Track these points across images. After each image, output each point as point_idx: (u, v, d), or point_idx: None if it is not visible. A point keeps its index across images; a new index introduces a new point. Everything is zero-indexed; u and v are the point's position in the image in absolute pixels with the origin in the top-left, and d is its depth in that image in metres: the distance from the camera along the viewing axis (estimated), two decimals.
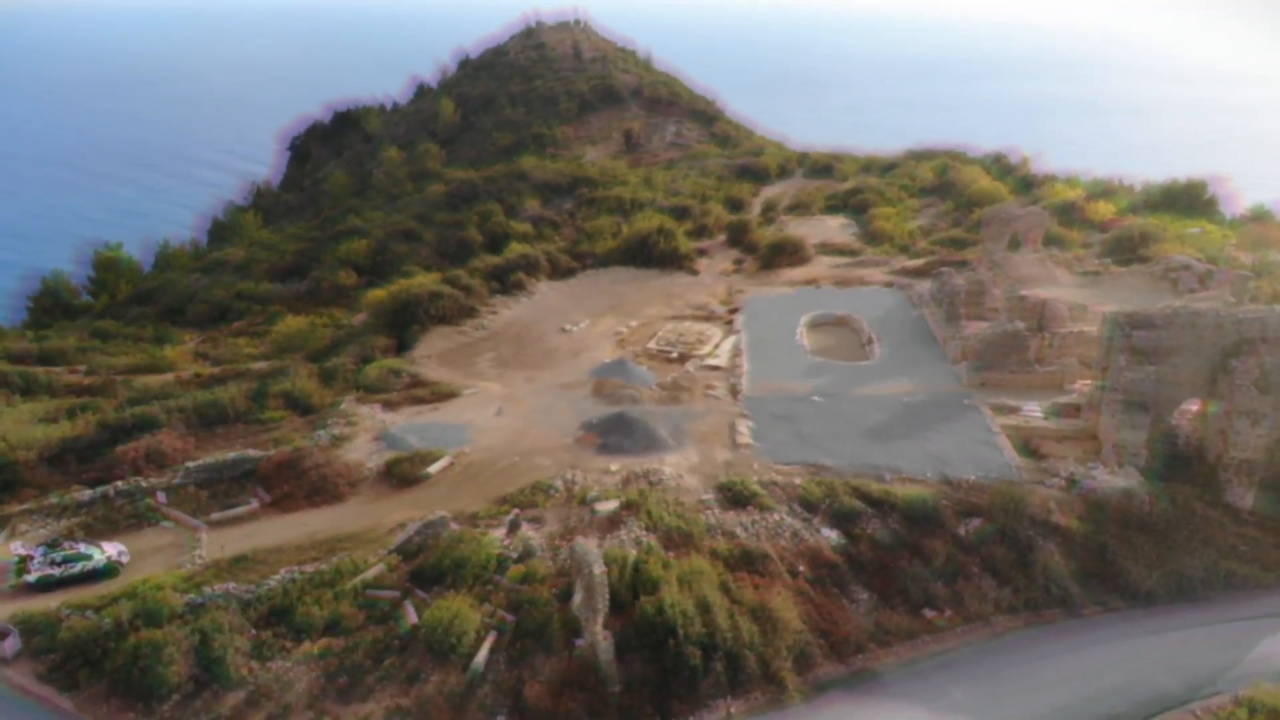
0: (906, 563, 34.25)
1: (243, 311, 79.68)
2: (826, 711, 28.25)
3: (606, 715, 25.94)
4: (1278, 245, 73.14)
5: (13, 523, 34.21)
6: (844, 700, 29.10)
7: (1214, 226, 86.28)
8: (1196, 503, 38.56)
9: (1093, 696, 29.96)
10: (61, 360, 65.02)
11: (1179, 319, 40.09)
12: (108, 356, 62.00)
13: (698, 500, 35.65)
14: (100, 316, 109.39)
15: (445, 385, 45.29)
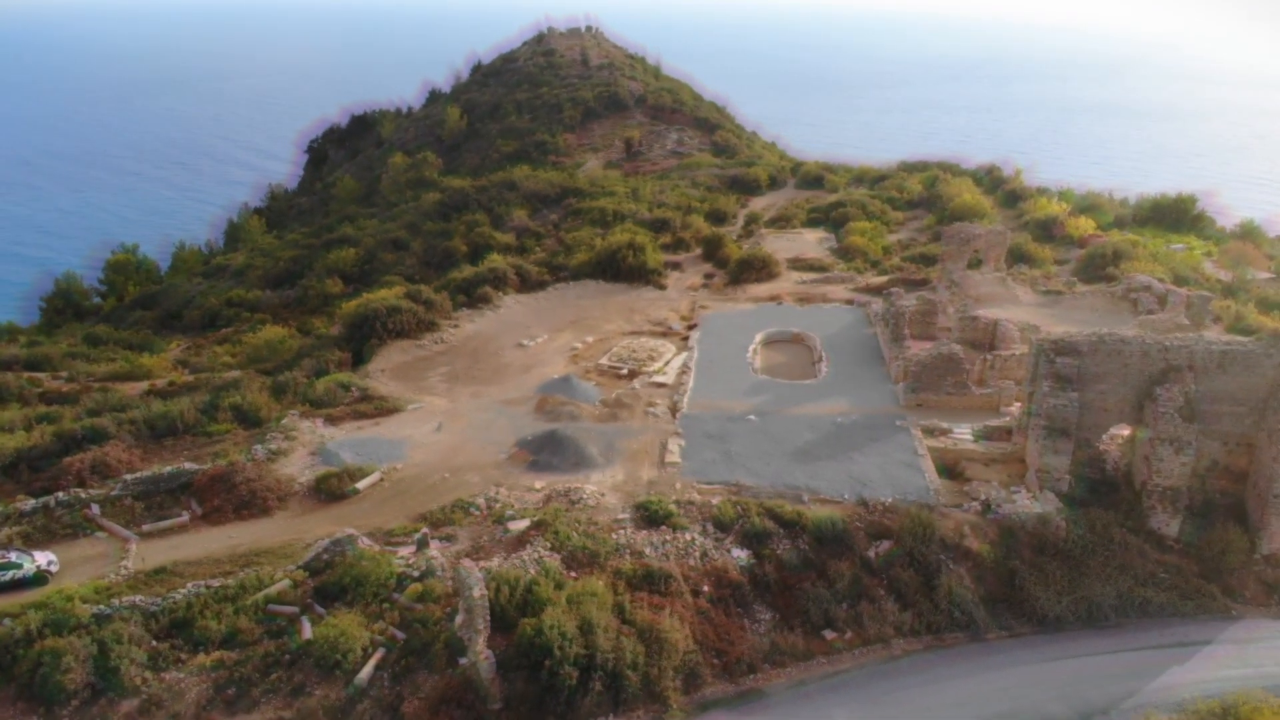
0: (810, 584, 34.95)
1: (230, 319, 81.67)
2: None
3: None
4: (1256, 263, 72.73)
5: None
6: (726, 719, 29.93)
7: (1201, 242, 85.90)
8: (1118, 529, 38.84)
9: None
10: (47, 366, 67.23)
11: (1105, 346, 40.38)
12: (88, 364, 64.01)
13: (613, 519, 36.55)
14: (106, 319, 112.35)
15: (390, 400, 46.51)
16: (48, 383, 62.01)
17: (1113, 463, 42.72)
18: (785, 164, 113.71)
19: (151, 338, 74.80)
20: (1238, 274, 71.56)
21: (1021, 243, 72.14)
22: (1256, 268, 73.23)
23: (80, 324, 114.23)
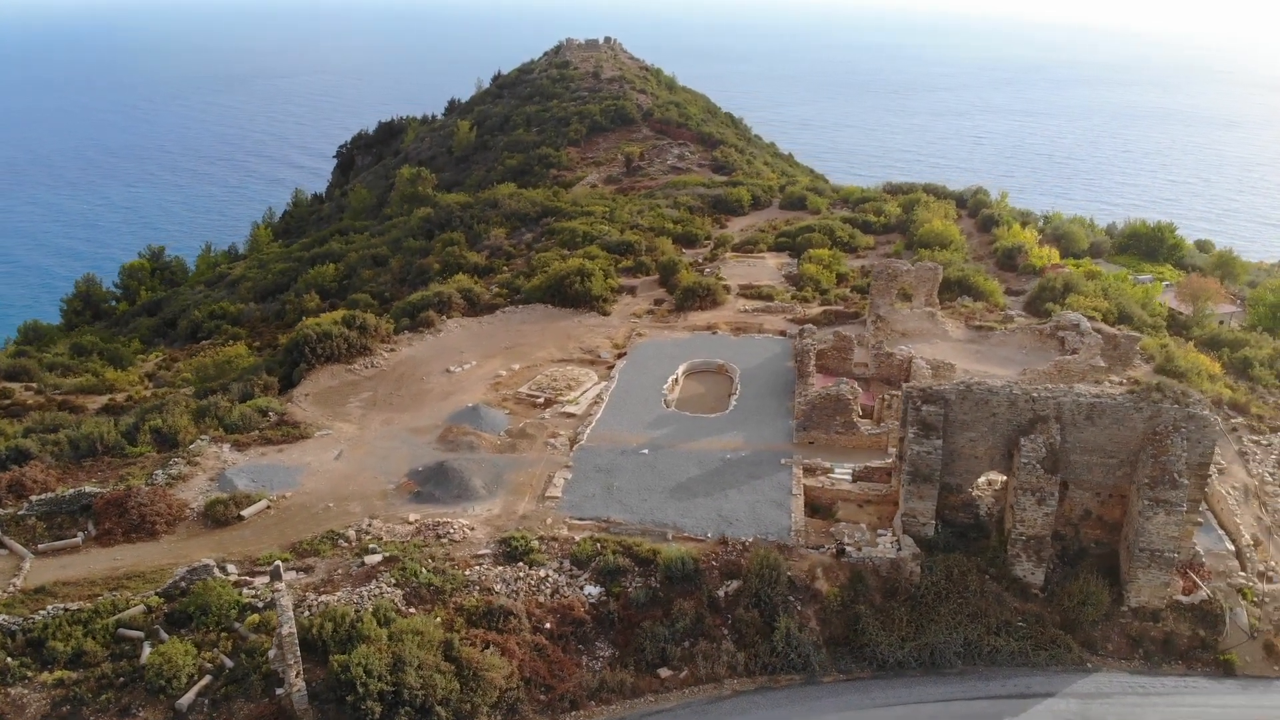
0: (651, 622, 36.32)
1: (210, 331, 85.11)
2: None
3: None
4: (1216, 298, 72.22)
5: None
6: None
7: (1176, 273, 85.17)
8: (976, 576, 39.62)
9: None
10: (24, 377, 70.97)
11: (972, 395, 41.08)
12: (58, 377, 67.52)
13: (473, 554, 38.28)
14: (116, 324, 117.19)
15: (301, 427, 48.75)
16: (19, 394, 65.66)
17: (986, 508, 43.37)
18: (774, 183, 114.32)
19: (122, 351, 78.05)
20: (1196, 308, 71.12)
21: (970, 274, 72.34)
22: (1215, 302, 72.63)
23: (90, 327, 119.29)
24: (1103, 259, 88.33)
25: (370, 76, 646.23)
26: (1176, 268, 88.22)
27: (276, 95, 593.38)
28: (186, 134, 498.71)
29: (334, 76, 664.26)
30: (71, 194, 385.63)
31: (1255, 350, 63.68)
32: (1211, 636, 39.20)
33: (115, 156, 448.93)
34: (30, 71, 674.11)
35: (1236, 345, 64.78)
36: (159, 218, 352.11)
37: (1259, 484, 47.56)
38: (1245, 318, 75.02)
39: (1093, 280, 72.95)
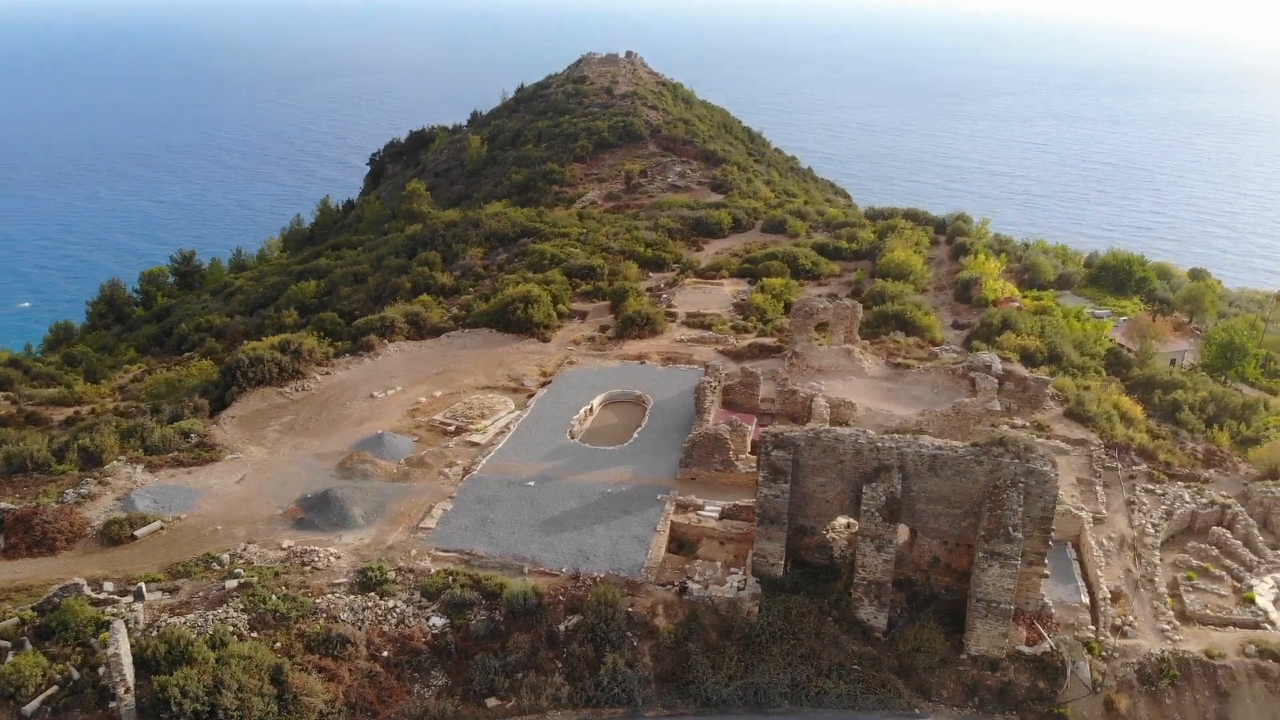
0: (486, 654, 38.47)
1: (194, 344, 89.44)
2: None
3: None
4: (1163, 337, 72.03)
5: None
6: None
7: (1140, 306, 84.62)
8: (814, 618, 41.07)
9: None
10: (8, 386, 75.71)
11: (820, 442, 42.44)
12: (36, 387, 72.05)
13: (329, 582, 40.83)
14: (130, 329, 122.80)
15: (215, 450, 51.88)
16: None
17: (840, 551, 44.62)
18: (760, 206, 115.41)
19: (97, 365, 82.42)
20: (1141, 347, 70.94)
21: (909, 308, 72.98)
22: (1162, 341, 72.28)
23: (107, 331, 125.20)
24: (1070, 291, 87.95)
25: (432, 76, 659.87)
26: (1147, 301, 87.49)
27: (338, 95, 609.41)
28: (249, 132, 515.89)
29: (395, 76, 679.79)
30: (132, 190, 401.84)
31: (1187, 394, 63.44)
32: (1050, 688, 40.07)
33: (178, 154, 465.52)
34: (99, 68, 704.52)
35: (1170, 387, 64.57)
36: (217, 216, 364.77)
37: (1138, 535, 47.90)
38: (1198, 356, 74.43)
39: (1039, 316, 73.06)
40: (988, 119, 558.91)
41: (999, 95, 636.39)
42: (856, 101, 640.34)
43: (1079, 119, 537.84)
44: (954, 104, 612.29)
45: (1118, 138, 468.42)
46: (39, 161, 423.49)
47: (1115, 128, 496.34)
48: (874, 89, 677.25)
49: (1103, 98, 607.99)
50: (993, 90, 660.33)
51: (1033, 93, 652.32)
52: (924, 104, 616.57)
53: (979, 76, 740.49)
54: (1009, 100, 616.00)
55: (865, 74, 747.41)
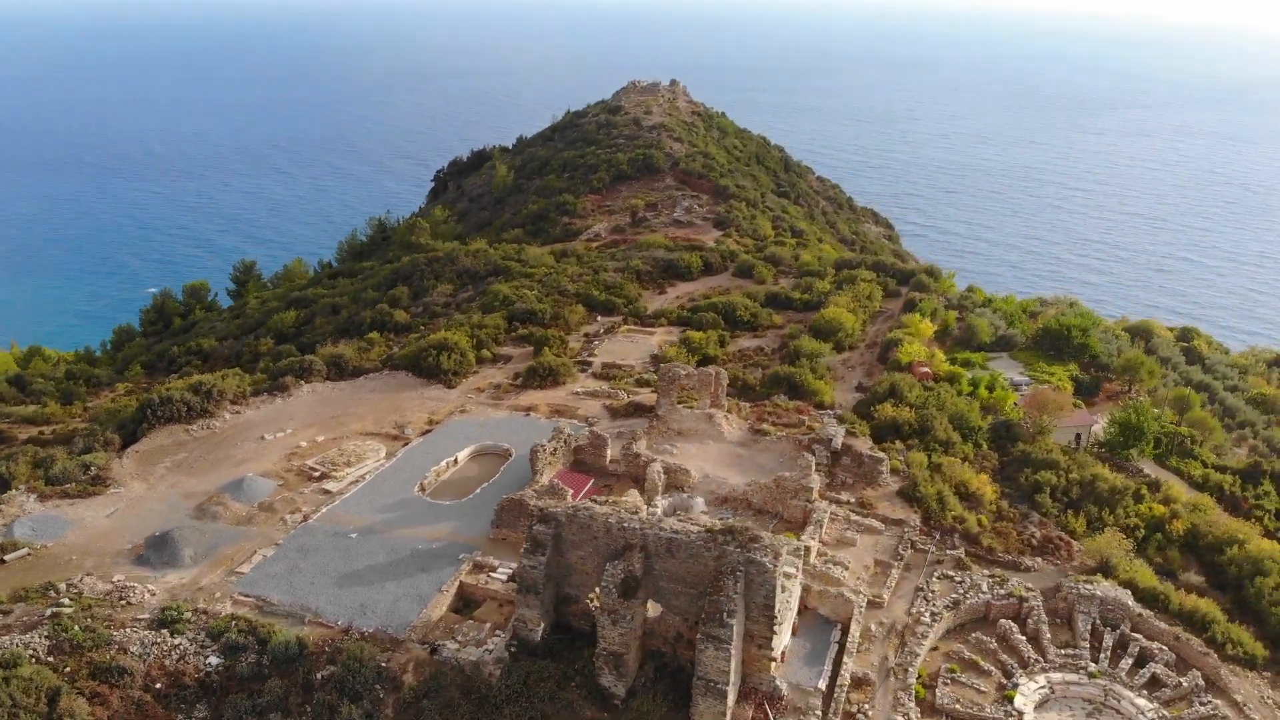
0: (241, 694, 43.33)
1: (179, 366, 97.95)
2: None
3: None
4: (1061, 411, 72.02)
5: None
6: None
7: (1066, 374, 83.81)
8: (556, 683, 44.43)
9: None
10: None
11: (577, 519, 45.80)
12: (9, 405, 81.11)
13: (133, 617, 46.48)
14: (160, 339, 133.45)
15: (106, 483, 58.52)
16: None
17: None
18: (739, 249, 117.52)
19: (74, 388, 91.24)
20: (1031, 422, 70.97)
21: (799, 371, 74.65)
22: (1059, 416, 71.97)
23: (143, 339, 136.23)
24: (1008, 354, 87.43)
25: (553, 76, 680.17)
26: (1089, 367, 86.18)
27: (462, 94, 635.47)
28: (374, 129, 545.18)
29: (517, 78, 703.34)
30: (259, 183, 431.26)
31: (1056, 475, 63.59)
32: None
33: (314, 148, 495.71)
34: (240, 67, 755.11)
35: (1042, 466, 64.77)
36: (336, 210, 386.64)
37: (911, 623, 49.33)
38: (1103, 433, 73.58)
39: (933, 386, 73.72)
40: (1115, 133, 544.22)
41: (1129, 107, 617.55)
42: (974, 110, 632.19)
43: (1213, 135, 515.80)
44: (1081, 115, 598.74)
45: (1254, 156, 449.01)
46: (186, 152, 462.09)
47: (1253, 146, 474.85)
48: (995, 98, 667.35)
49: (1243, 114, 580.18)
50: (1127, 102, 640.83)
51: (1169, 105, 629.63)
52: (1047, 115, 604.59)
53: (1114, 87, 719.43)
54: (1139, 113, 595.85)
55: (987, 82, 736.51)
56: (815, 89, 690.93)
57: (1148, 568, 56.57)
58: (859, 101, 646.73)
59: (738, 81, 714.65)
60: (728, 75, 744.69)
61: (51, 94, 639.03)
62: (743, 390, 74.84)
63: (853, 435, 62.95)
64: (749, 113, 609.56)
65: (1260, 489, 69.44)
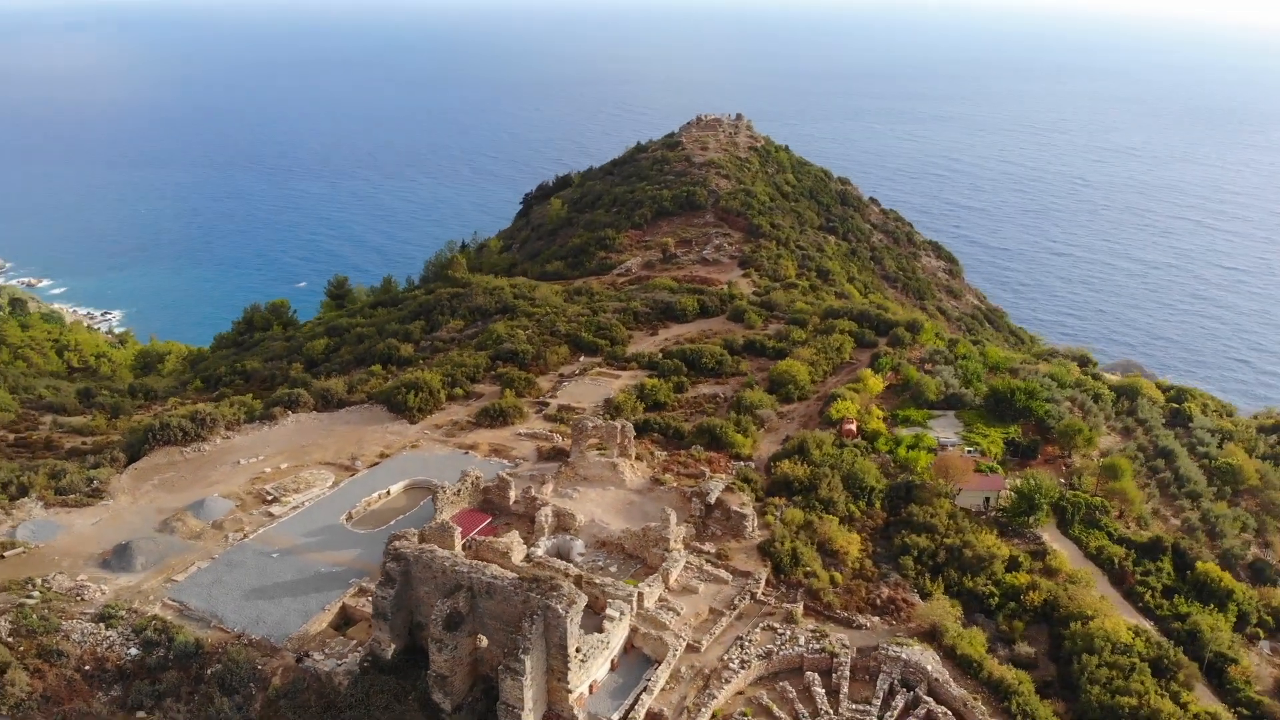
0: (143, 680, 53.82)
1: (226, 383, 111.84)
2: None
3: None
4: (963, 477, 75.86)
5: None
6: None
7: (1013, 436, 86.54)
8: (393, 696, 53.12)
9: None
10: (60, 411, 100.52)
11: (421, 560, 54.39)
12: (66, 415, 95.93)
13: (81, 611, 57.83)
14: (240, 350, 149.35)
15: (102, 496, 70.84)
16: (41, 428, 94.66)
17: None
18: (734, 294, 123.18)
19: (124, 403, 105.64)
20: (931, 486, 74.94)
21: (722, 425, 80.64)
22: (962, 480, 75.57)
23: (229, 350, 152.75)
24: (954, 413, 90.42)
25: (684, 86, 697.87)
26: (1036, 430, 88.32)
27: (602, 102, 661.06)
28: (511, 137, 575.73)
29: (648, 85, 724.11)
30: (396, 187, 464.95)
31: (921, 540, 67.78)
32: None
33: (450, 154, 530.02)
34: (400, 71, 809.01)
35: (920, 530, 69.10)
36: (451, 220, 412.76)
37: (720, 667, 55.51)
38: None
39: (845, 444, 78.49)
40: (1272, 149, 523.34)
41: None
42: (1127, 123, 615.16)
43: None
44: (1240, 131, 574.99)
45: None
46: (340, 153, 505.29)
47: None
48: (1153, 111, 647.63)
49: None
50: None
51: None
52: (1210, 130, 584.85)
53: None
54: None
55: (1145, 94, 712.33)
56: (958, 96, 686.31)
57: (981, 634, 60.47)
58: (1003, 110, 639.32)
59: (877, 89, 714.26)
60: (870, 82, 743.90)
61: (215, 95, 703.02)
62: (674, 437, 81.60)
63: (730, 490, 69.01)
64: (887, 121, 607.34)
65: (1156, 564, 71.21)
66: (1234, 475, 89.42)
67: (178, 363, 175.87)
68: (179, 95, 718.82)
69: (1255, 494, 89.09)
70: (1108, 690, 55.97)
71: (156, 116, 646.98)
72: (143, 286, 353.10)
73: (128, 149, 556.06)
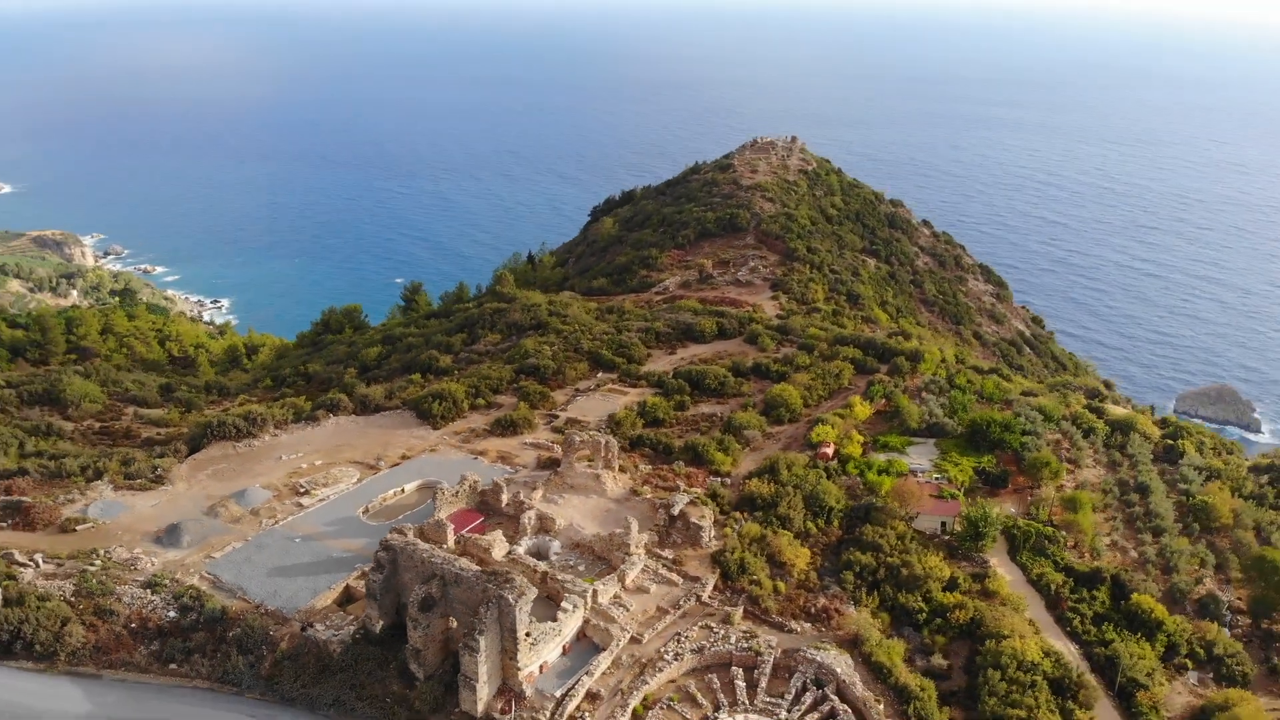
0: (177, 638, 65.13)
1: (290, 383, 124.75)
2: None
3: None
4: (920, 503, 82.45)
5: None
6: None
7: (985, 465, 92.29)
8: (378, 663, 63.27)
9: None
10: (141, 403, 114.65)
11: (405, 550, 64.37)
12: (147, 408, 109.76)
13: (133, 579, 69.67)
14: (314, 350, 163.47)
15: (163, 482, 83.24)
16: (123, 418, 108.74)
17: None
18: (761, 316, 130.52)
19: (196, 398, 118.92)
20: (889, 510, 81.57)
21: (703, 443, 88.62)
22: (919, 506, 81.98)
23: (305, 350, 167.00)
24: (932, 442, 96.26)
25: (774, 90, 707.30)
26: (1010, 461, 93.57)
27: (697, 106, 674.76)
28: (608, 139, 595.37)
29: (748, 89, 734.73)
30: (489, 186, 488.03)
31: (865, 558, 74.70)
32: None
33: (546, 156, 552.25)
34: (502, 69, 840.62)
35: (867, 549, 76.10)
36: (527, 224, 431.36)
37: (654, 659, 63.90)
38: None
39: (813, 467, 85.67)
40: None
41: None
42: (1222, 135, 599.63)
43: None
44: None
45: None
46: (440, 153, 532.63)
47: None
48: (1244, 123, 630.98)
49: None
50: None
51: None
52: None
53: None
54: None
55: (1231, 103, 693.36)
56: (1078, 105, 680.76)
57: (902, 645, 67.29)
58: (1115, 121, 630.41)
59: (988, 95, 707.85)
60: (985, 89, 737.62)
61: (322, 92, 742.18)
62: (663, 452, 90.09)
63: (693, 504, 77.18)
64: (999, 131, 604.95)
65: (1093, 593, 76.38)
66: (1207, 513, 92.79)
67: (269, 355, 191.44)
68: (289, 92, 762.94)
69: (1227, 532, 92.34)
70: (1004, 703, 62.27)
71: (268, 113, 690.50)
72: (252, 277, 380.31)
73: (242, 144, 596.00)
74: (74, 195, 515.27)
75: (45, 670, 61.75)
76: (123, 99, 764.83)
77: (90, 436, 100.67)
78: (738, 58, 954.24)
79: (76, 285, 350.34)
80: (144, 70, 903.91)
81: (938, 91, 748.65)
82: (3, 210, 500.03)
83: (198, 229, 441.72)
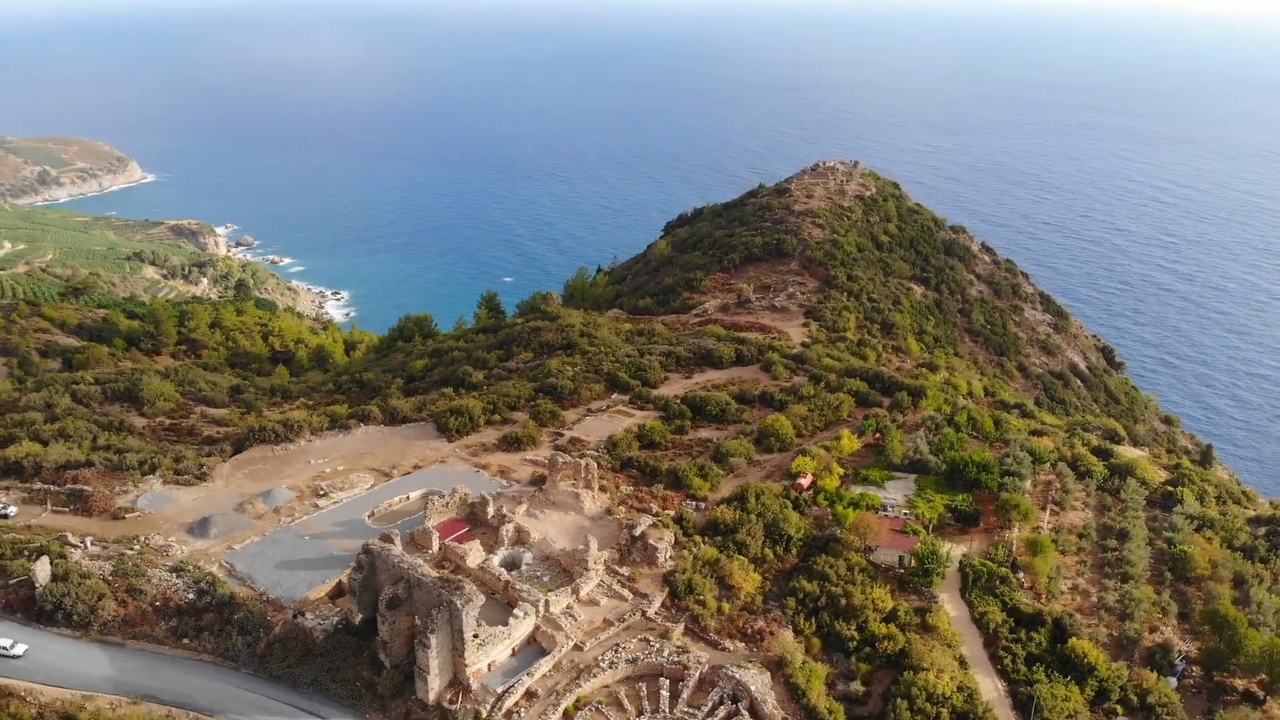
0: (191, 617, 76.03)
1: (329, 391, 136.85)
2: None
3: None
4: (879, 537, 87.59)
5: None
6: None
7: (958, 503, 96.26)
8: (353, 651, 72.75)
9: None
10: (209, 403, 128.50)
11: (381, 555, 73.63)
12: (213, 408, 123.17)
13: (163, 563, 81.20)
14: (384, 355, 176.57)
15: (206, 478, 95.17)
16: (190, 416, 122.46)
17: None
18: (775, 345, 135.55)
19: (257, 400, 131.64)
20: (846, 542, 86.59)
21: (685, 468, 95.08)
22: (876, 540, 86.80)
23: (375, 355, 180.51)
24: (913, 478, 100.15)
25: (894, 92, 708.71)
26: (986, 500, 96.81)
27: (799, 108, 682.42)
28: (709, 142, 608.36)
29: (862, 91, 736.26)
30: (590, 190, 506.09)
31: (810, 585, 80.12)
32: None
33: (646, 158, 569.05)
34: (612, 71, 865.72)
35: (814, 577, 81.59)
36: (611, 233, 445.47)
37: (590, 665, 71.27)
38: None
39: (786, 496, 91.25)
40: None
41: None
42: None
43: None
44: None
45: None
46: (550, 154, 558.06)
47: None
48: None
49: None
50: None
51: None
52: None
53: None
54: None
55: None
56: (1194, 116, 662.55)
57: (824, 670, 72.71)
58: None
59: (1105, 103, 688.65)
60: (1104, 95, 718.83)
61: (446, 93, 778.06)
62: (650, 474, 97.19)
63: (654, 526, 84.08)
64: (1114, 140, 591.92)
65: (1032, 634, 79.72)
66: (1185, 563, 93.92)
67: (366, 351, 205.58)
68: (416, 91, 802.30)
69: (1202, 583, 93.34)
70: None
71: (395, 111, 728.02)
72: (373, 271, 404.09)
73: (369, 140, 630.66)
74: (210, 186, 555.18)
75: (80, 637, 73.38)
76: (256, 95, 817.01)
77: (159, 432, 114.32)
78: (858, 59, 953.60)
79: (207, 274, 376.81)
80: (275, 66, 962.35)
81: (1064, 99, 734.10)
82: (145, 199, 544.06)
83: (324, 222, 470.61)
